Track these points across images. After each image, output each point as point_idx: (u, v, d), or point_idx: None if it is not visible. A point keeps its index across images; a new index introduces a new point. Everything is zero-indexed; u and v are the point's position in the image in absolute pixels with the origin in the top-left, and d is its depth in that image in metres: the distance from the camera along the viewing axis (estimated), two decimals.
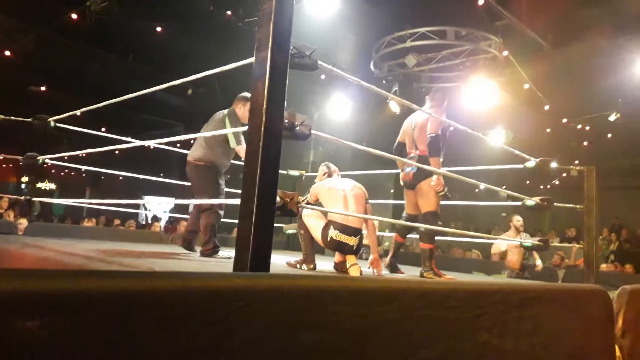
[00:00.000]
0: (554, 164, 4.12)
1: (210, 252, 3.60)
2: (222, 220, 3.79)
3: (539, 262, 5.99)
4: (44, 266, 2.53)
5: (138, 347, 0.78)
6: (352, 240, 3.20)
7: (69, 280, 0.76)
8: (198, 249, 3.88)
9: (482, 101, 8.27)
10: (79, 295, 0.74)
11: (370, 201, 3.47)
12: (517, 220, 6.02)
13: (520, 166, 4.17)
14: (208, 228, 3.64)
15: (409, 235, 4.11)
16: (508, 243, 5.73)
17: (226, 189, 3.92)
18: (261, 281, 0.98)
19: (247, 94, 3.86)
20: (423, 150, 3.72)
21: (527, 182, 11.86)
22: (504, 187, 5.39)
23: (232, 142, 3.66)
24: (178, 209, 12.12)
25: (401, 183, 3.87)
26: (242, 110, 3.75)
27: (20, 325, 0.68)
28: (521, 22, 7.22)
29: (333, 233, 3.17)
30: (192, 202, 3.78)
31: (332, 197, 3.30)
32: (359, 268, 3.20)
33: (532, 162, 4.02)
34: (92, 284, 0.77)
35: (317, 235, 3.25)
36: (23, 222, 5.12)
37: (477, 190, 11.83)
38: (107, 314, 0.76)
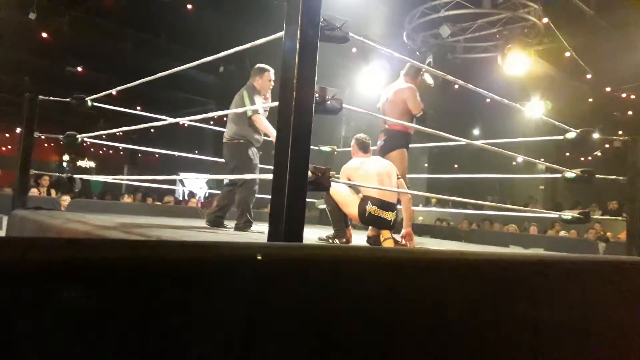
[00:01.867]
0: (596, 135, 3.97)
1: (242, 225, 3.66)
2: (257, 195, 3.83)
3: None
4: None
5: (180, 315, 0.80)
6: (390, 215, 3.20)
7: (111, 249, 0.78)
8: (230, 224, 3.92)
9: (520, 71, 7.99)
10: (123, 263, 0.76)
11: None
12: None
13: (560, 137, 4.03)
14: (242, 202, 3.69)
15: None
16: None
17: (260, 165, 3.94)
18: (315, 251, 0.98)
19: (263, 65, 3.89)
20: (391, 124, 3.80)
21: (567, 154, 11.49)
22: (542, 159, 5.23)
23: (249, 112, 3.68)
24: (214, 184, 12.33)
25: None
26: (260, 82, 3.81)
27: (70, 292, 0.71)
28: None
29: (371, 208, 3.16)
30: (225, 177, 3.81)
31: (364, 176, 3.26)
32: (393, 241, 3.19)
33: (572, 134, 3.88)
34: (139, 253, 0.80)
35: (353, 210, 3.24)
36: (66, 199, 5.30)
37: (514, 163, 11.57)
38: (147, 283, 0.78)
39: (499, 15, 7.77)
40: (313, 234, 3.66)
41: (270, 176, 1.84)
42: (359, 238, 3.72)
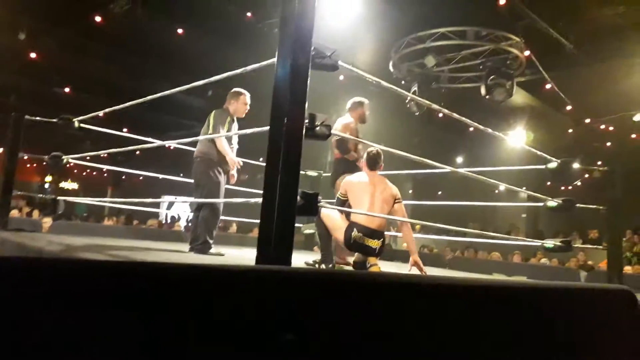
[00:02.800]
0: (576, 165, 4.06)
1: (201, 247, 3.61)
2: (242, 219, 3.82)
3: None
4: None
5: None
6: (374, 243, 3.18)
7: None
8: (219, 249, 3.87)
9: (503, 101, 8.18)
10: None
11: None
12: None
13: (542, 167, 4.12)
14: (202, 223, 3.66)
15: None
16: None
17: (245, 189, 3.95)
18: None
19: (239, 89, 3.98)
20: (336, 154, 3.96)
21: (548, 183, 11.70)
22: (524, 188, 5.32)
23: (210, 129, 3.81)
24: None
25: None
26: (235, 105, 3.92)
27: None
28: (543, 21, 7.11)
29: (356, 235, 3.16)
30: (203, 201, 3.71)
31: (360, 194, 3.25)
32: (379, 268, 3.19)
33: (554, 163, 3.97)
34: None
35: (340, 236, 3.24)
36: (47, 221, 5.23)
37: (496, 191, 11.73)
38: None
39: (482, 47, 7.99)
40: (299, 259, 3.66)
41: (259, 200, 1.86)
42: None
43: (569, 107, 9.55)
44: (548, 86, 8.64)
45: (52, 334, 0.75)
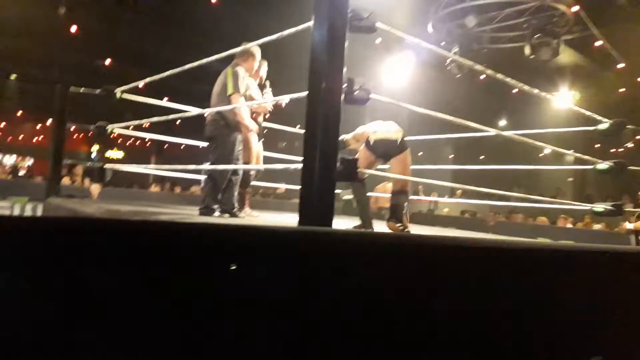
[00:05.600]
0: (629, 126, 3.87)
1: (205, 212, 3.51)
2: (280, 185, 3.80)
3: None
4: None
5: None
6: (395, 135, 3.31)
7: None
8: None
9: (549, 61, 7.83)
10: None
11: (430, 166, 3.42)
12: None
13: (592, 128, 3.95)
14: (209, 186, 3.56)
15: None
16: None
17: (284, 156, 3.91)
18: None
19: (249, 47, 3.68)
20: None
21: (597, 145, 11.24)
22: (571, 150, 5.12)
23: (229, 89, 3.61)
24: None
25: None
26: (245, 62, 3.78)
27: None
28: None
29: (375, 135, 3.30)
30: (242, 167, 3.66)
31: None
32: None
33: (605, 125, 3.80)
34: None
35: (361, 150, 3.32)
36: (96, 188, 5.43)
37: (541, 155, 11.36)
38: None
39: (526, 4, 7.61)
40: (339, 225, 3.68)
41: (299, 166, 1.87)
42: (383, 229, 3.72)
43: (620, 65, 9.04)
44: (598, 43, 8.18)
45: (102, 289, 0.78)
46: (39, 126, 18.29)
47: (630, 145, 11.56)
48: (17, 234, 0.73)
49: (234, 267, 0.85)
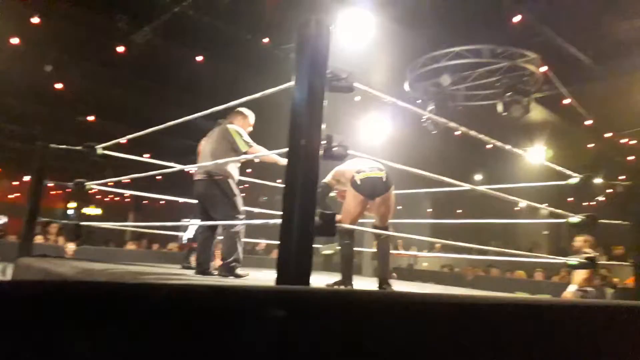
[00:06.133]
0: (598, 180, 4.00)
1: (232, 267, 3.50)
2: (260, 240, 3.79)
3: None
4: None
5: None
6: (380, 173, 3.31)
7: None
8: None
9: (521, 118, 8.14)
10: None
11: (408, 220, 3.47)
12: (576, 240, 5.84)
13: (563, 183, 4.07)
14: (234, 239, 3.54)
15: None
16: None
17: (261, 210, 3.94)
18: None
19: (244, 110, 3.96)
20: None
21: (570, 199, 11.52)
22: (545, 204, 5.25)
23: (243, 146, 3.70)
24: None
25: None
26: (242, 123, 3.93)
27: None
28: (560, 37, 7.10)
29: (361, 176, 3.29)
30: (251, 222, 3.62)
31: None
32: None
33: (575, 179, 3.92)
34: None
35: (349, 194, 3.33)
36: (71, 247, 5.32)
37: (516, 208, 11.56)
38: None
39: (498, 64, 8.00)
40: (318, 280, 3.65)
41: (278, 221, 1.88)
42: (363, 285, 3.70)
43: (588, 122, 9.44)
44: (566, 101, 8.57)
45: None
46: (15, 183, 18.01)
47: (601, 199, 11.87)
48: None
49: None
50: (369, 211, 3.54)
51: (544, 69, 7.90)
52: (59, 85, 8.79)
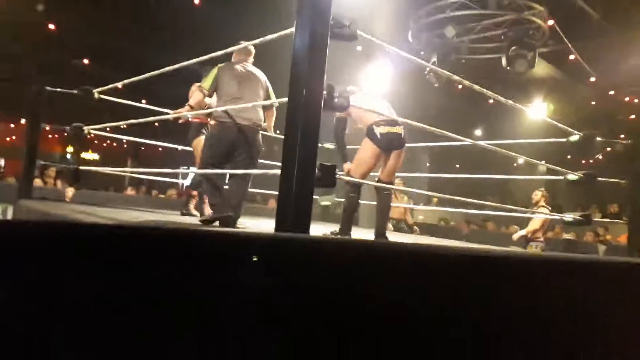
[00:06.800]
0: (598, 138, 3.99)
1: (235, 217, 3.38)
2: (258, 190, 3.72)
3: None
4: None
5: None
6: (399, 130, 3.30)
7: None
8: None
9: (525, 73, 8.01)
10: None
11: (406, 174, 3.47)
12: (535, 194, 6.02)
13: (563, 140, 4.06)
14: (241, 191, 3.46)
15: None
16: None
17: (261, 161, 3.88)
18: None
19: (251, 47, 3.66)
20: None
21: (569, 156, 11.53)
22: (543, 161, 5.26)
23: (273, 98, 3.59)
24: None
25: None
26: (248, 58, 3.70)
27: None
28: None
29: (381, 129, 3.25)
30: (250, 171, 3.38)
31: (367, 99, 3.43)
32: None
33: (575, 136, 3.91)
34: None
35: (365, 146, 3.29)
36: (70, 190, 5.35)
37: (515, 164, 11.59)
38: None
39: (504, 16, 7.79)
40: (316, 230, 3.69)
41: (277, 172, 1.88)
42: (361, 235, 3.75)
43: (592, 79, 9.32)
44: (572, 57, 8.42)
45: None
46: (12, 125, 17.85)
47: (600, 157, 11.89)
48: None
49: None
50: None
51: (550, 22, 7.70)
52: (51, 26, 8.55)
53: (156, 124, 4.78)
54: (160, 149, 15.58)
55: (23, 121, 14.56)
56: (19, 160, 4.52)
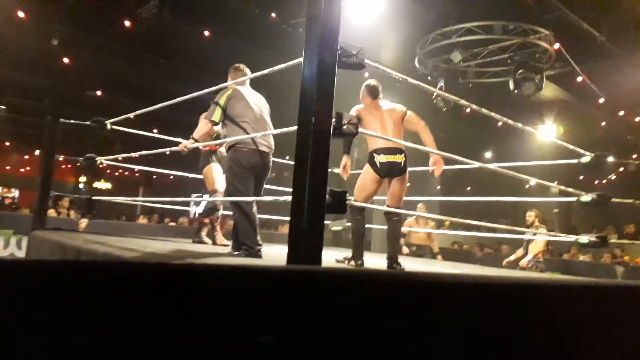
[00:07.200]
0: (610, 158, 3.96)
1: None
2: (267, 217, 3.71)
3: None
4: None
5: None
6: (399, 158, 3.36)
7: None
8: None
9: (532, 95, 8.03)
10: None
11: (417, 198, 3.47)
12: (529, 215, 5.97)
13: (574, 161, 4.04)
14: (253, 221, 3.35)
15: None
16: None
17: (270, 187, 3.89)
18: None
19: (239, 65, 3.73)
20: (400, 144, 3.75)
21: (581, 177, 11.43)
22: (555, 182, 5.22)
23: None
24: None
25: None
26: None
27: None
28: (573, 14, 6.94)
29: (382, 159, 3.34)
30: (262, 198, 3.33)
31: (372, 120, 3.45)
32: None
33: (587, 157, 3.89)
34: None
35: (366, 171, 3.39)
36: (83, 221, 5.40)
37: (527, 186, 11.49)
38: None
39: (510, 41, 7.85)
40: (328, 256, 3.67)
41: (288, 198, 1.89)
42: (373, 261, 3.72)
43: (601, 100, 9.30)
44: (579, 79, 8.43)
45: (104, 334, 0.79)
46: (26, 157, 18.14)
47: (613, 177, 11.78)
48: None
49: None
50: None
51: (556, 45, 7.74)
52: (65, 60, 8.76)
53: (167, 152, 4.84)
54: (171, 177, 15.73)
55: (37, 152, 14.82)
56: (33, 190, 4.59)
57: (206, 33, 7.93)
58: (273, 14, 7.60)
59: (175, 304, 0.84)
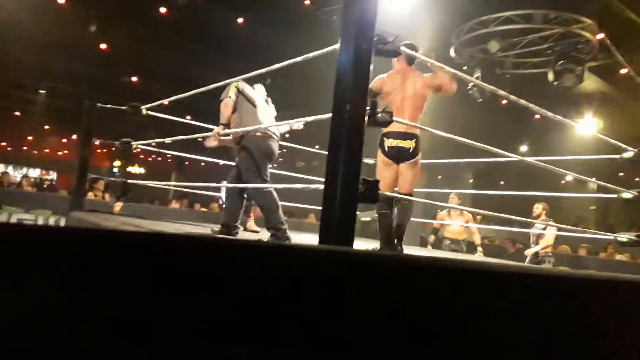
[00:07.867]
0: None
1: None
2: (296, 205, 3.75)
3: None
4: None
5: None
6: (408, 144, 3.33)
7: None
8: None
9: (573, 88, 7.77)
10: None
11: (449, 190, 3.40)
12: (536, 207, 6.04)
13: (616, 156, 3.89)
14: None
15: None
16: None
17: (302, 176, 3.94)
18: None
19: None
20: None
21: (621, 173, 11.04)
22: (594, 178, 5.05)
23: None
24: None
25: None
26: None
27: None
28: (619, 2, 6.66)
29: (389, 142, 3.33)
30: (293, 186, 3.51)
31: (392, 98, 3.37)
32: None
33: (630, 152, 3.74)
34: None
35: (378, 156, 3.39)
36: (118, 204, 5.53)
37: (562, 182, 11.19)
38: None
39: (550, 30, 7.59)
40: (357, 247, 3.65)
41: (320, 186, 1.87)
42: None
43: None
44: (623, 71, 8.10)
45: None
46: (64, 140, 18.68)
47: None
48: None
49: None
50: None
51: (600, 36, 7.45)
52: (103, 46, 8.94)
53: (200, 139, 4.87)
54: (202, 163, 15.95)
55: (74, 136, 15.23)
56: (70, 173, 4.72)
57: (240, 20, 7.95)
58: (307, 1, 7.56)
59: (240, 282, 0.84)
